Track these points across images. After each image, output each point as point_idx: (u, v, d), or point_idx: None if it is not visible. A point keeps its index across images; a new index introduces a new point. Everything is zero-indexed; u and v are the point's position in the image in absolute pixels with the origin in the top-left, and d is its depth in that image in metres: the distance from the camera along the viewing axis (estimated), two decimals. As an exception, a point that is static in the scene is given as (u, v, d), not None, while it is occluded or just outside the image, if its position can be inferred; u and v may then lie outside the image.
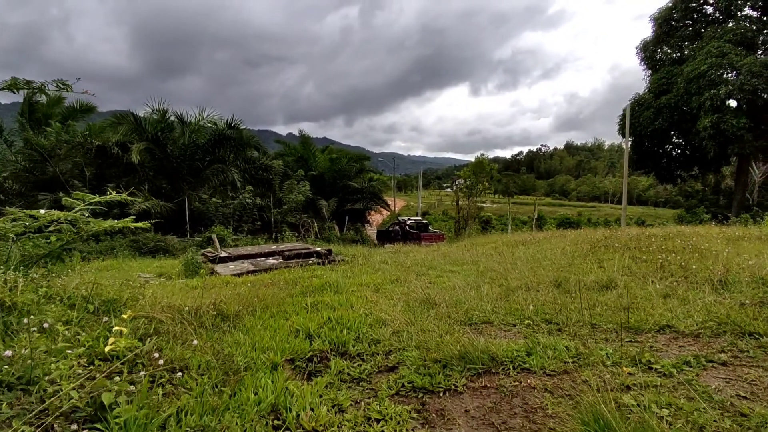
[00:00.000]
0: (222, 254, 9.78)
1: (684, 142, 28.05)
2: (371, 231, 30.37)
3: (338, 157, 29.50)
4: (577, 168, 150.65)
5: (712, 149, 23.59)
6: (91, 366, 2.35)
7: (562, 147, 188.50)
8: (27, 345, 2.15)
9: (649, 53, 28.96)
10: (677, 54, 27.62)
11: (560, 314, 3.85)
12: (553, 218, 52.29)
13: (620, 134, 28.43)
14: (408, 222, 24.79)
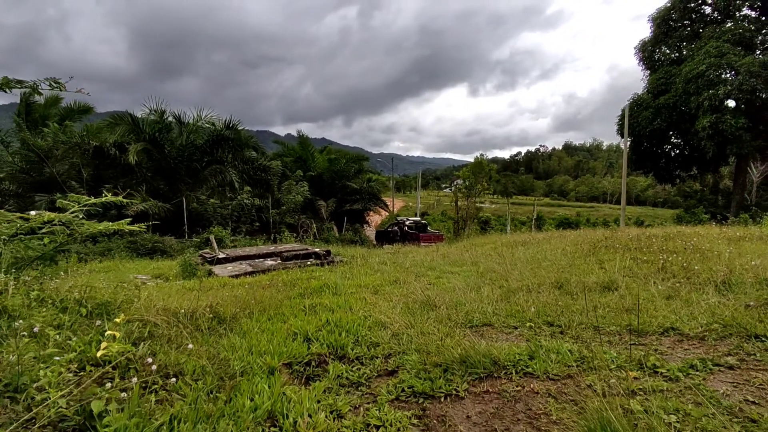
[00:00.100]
0: (220, 255, 9.70)
1: (683, 142, 28.03)
2: (370, 231, 30.32)
3: (337, 158, 29.44)
4: (576, 168, 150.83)
5: (711, 149, 23.57)
6: (82, 372, 2.28)
7: (561, 147, 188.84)
8: (14, 350, 2.08)
9: (648, 53, 28.95)
10: (676, 54, 27.61)
11: (562, 316, 3.80)
12: (552, 219, 52.32)
13: (619, 134, 28.41)
14: (407, 222, 24.74)
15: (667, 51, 28.20)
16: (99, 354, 2.30)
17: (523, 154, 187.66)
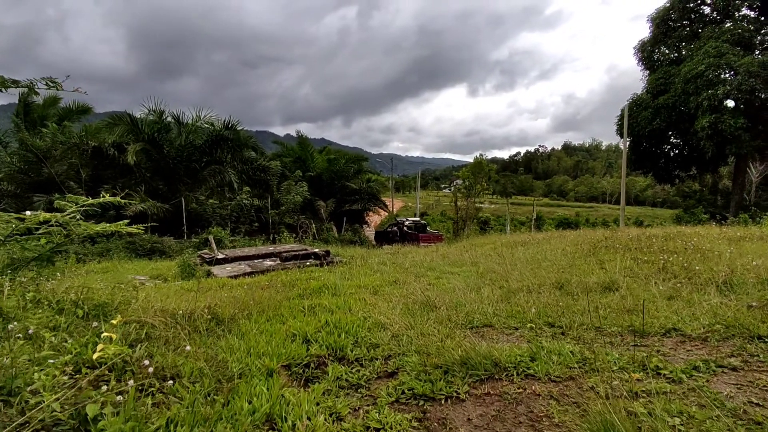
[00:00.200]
0: (219, 256, 9.67)
1: (682, 143, 28.03)
2: (369, 232, 30.29)
3: (336, 158, 29.41)
4: (575, 168, 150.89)
5: (710, 149, 23.57)
6: (78, 375, 2.25)
7: (560, 147, 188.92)
8: (8, 353, 2.05)
9: (647, 53, 28.95)
10: (675, 54, 27.61)
11: (563, 317, 3.77)
12: (551, 219, 52.32)
13: (618, 134, 28.40)
14: (406, 223, 24.71)
15: (667, 51, 28.21)
16: (95, 356, 2.27)
17: (523, 155, 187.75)
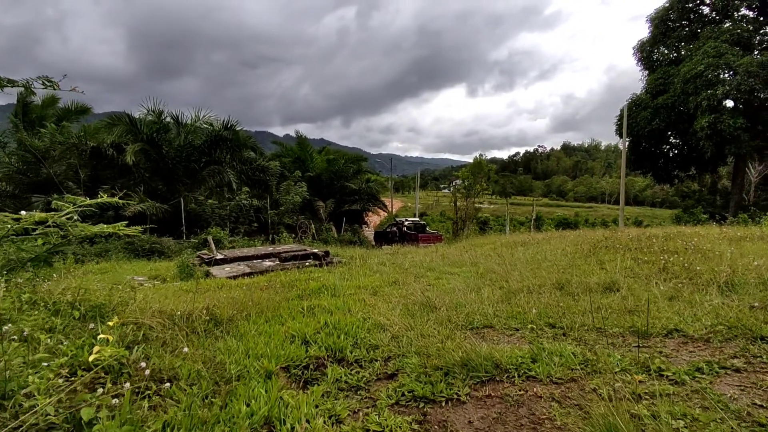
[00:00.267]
0: (218, 256, 9.63)
1: (681, 143, 28.04)
2: (369, 232, 30.26)
3: (335, 158, 29.36)
4: (574, 169, 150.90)
5: (710, 149, 23.58)
6: (74, 377, 2.22)
7: (559, 148, 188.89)
8: (2, 355, 2.02)
9: (646, 53, 28.97)
10: (674, 54, 27.63)
11: (564, 318, 3.74)
12: (551, 219, 52.31)
13: (617, 134, 28.40)
14: (405, 223, 24.69)
15: (666, 51, 28.22)
16: (91, 358, 2.24)
17: (522, 155, 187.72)
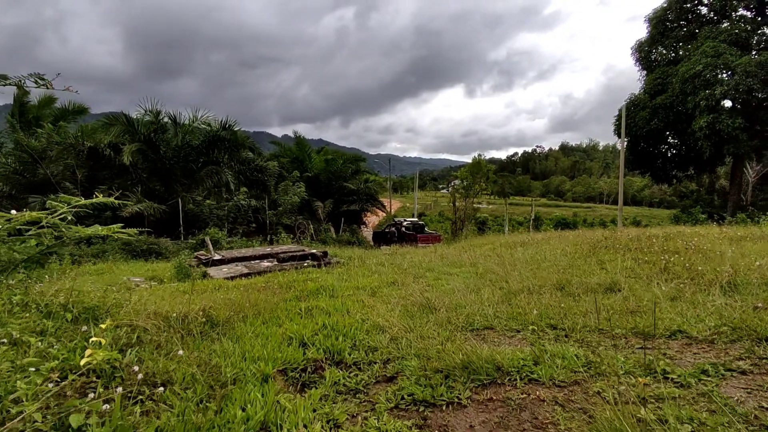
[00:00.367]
0: (215, 257, 9.57)
1: (679, 143, 28.10)
2: (367, 232, 30.22)
3: (334, 159, 29.32)
4: (573, 169, 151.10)
5: (708, 149, 23.61)
6: (64, 381, 2.16)
7: (558, 148, 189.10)
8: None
9: (644, 54, 29.01)
10: (672, 54, 27.67)
11: (566, 319, 3.69)
12: (549, 219, 52.37)
13: (616, 135, 28.44)
14: (404, 223, 24.66)
15: (664, 51, 28.27)
16: (82, 362, 2.18)
17: (520, 155, 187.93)
